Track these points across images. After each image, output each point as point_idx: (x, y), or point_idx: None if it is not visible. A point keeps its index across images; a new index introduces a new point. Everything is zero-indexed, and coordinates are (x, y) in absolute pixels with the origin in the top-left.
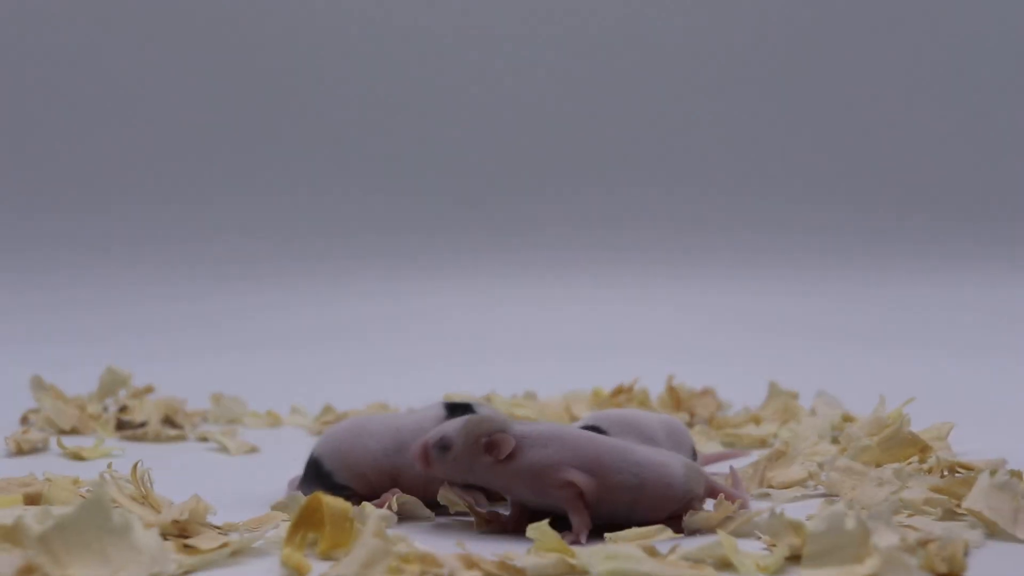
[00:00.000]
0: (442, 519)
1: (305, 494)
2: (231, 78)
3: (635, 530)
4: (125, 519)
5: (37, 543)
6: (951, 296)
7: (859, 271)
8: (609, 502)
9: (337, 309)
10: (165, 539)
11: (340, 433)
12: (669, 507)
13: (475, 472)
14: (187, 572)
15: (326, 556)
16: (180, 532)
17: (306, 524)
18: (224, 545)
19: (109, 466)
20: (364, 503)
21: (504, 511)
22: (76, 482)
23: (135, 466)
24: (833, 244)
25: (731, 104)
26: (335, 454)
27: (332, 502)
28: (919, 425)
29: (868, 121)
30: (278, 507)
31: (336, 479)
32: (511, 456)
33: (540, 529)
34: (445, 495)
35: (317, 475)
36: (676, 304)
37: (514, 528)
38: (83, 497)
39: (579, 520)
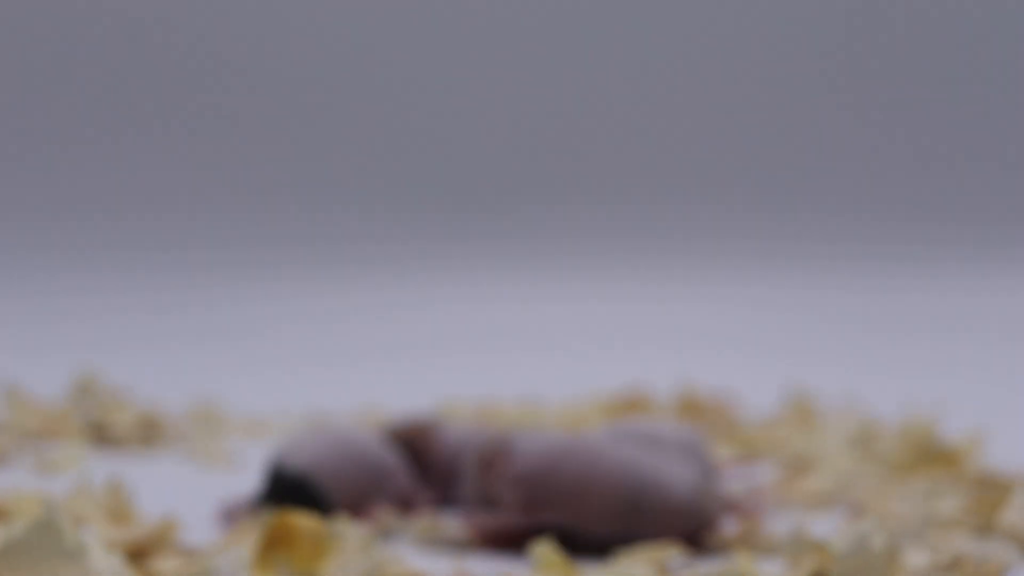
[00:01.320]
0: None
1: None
2: (225, 77)
3: (645, 548)
4: (78, 541)
5: None
6: (983, 297)
7: (885, 269)
8: (603, 521)
9: (330, 310)
10: (130, 560)
11: (323, 448)
12: (673, 531)
13: (478, 486)
14: None
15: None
16: (141, 552)
17: (273, 545)
18: (190, 568)
19: (82, 478)
20: (342, 519)
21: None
22: (45, 496)
23: (112, 480)
24: (855, 243)
25: (744, 100)
26: (333, 473)
27: (303, 519)
28: (950, 433)
29: (890, 117)
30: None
31: (333, 501)
32: (502, 467)
33: (543, 547)
34: (423, 526)
35: (301, 499)
36: (690, 305)
37: (509, 540)
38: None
39: (505, 520)
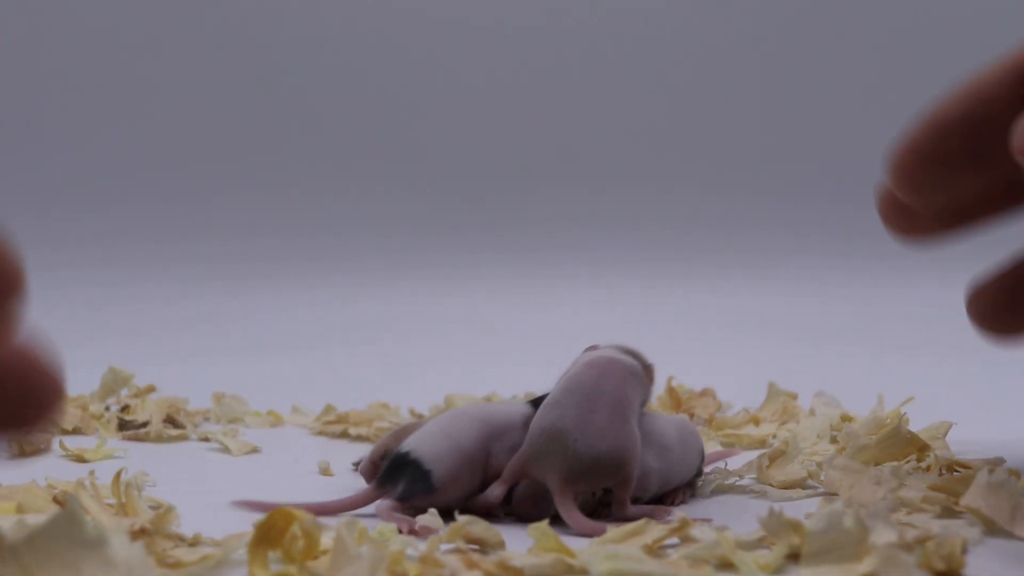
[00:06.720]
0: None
1: (406, 500)
2: (231, 78)
3: (629, 527)
4: (99, 532)
5: (8, 555)
6: (950, 295)
7: (858, 271)
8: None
9: (338, 309)
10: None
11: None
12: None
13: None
14: None
15: (300, 567)
16: (143, 538)
17: (266, 541)
18: (206, 557)
19: (91, 473)
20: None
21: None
22: (79, 484)
23: (117, 475)
24: (831, 244)
25: (730, 102)
26: (435, 455)
27: (299, 513)
28: (917, 424)
29: (865, 122)
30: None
31: (434, 481)
32: None
33: (539, 529)
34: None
35: (413, 477)
36: (675, 305)
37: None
38: (59, 504)
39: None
